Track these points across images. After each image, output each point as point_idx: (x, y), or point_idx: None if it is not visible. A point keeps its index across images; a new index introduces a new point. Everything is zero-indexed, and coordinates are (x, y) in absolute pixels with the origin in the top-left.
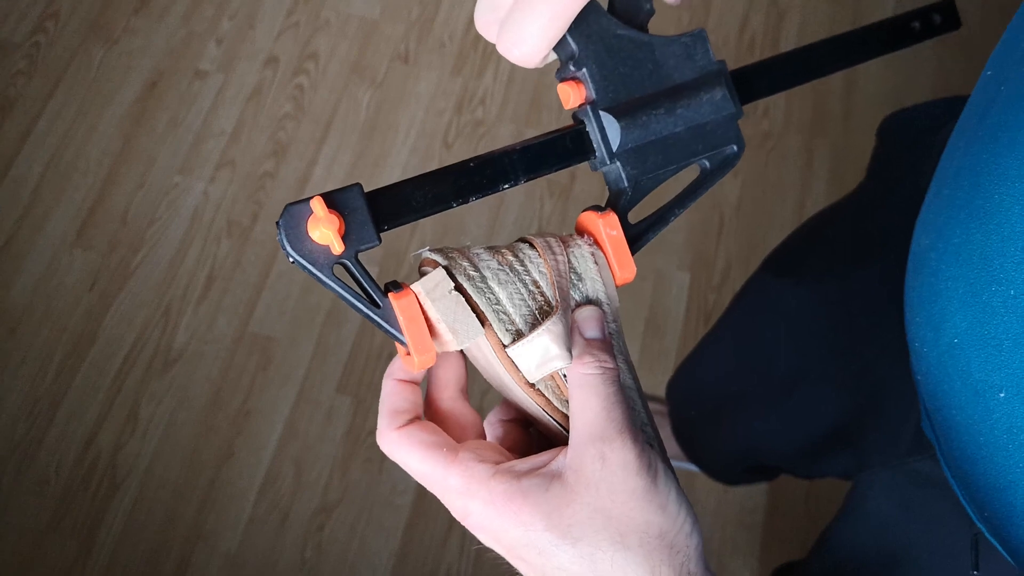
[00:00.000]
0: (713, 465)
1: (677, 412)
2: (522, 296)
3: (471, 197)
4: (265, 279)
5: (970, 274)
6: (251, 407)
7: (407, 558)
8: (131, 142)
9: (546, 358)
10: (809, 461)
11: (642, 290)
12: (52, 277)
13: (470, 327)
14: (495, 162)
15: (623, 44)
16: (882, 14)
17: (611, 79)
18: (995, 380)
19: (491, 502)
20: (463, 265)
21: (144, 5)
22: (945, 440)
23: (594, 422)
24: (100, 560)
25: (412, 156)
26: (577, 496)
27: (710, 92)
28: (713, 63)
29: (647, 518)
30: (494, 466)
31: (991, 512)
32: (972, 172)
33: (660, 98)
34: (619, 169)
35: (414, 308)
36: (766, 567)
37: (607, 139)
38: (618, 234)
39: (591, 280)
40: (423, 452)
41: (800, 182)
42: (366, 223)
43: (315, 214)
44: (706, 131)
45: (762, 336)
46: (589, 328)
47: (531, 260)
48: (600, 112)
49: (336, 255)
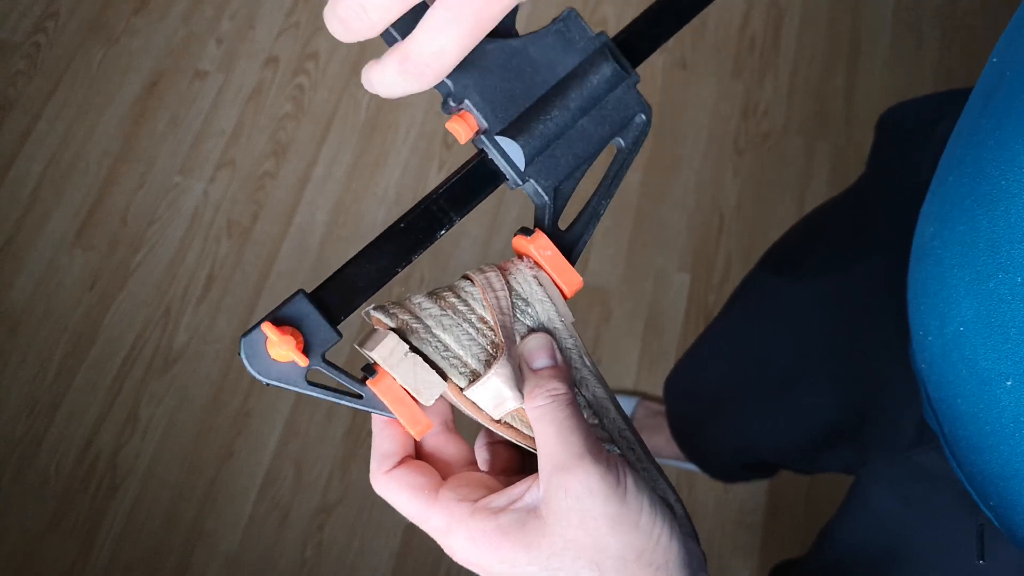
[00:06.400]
0: (712, 462)
1: (675, 410)
2: (470, 336)
3: (412, 256)
4: (265, 279)
5: (976, 262)
6: (251, 407)
7: (407, 558)
8: (131, 142)
9: (500, 399)
10: (809, 456)
11: (642, 290)
12: (52, 277)
13: (432, 384)
14: (423, 214)
15: (496, 59)
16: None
17: (495, 100)
18: (1002, 368)
19: (472, 539)
20: (405, 319)
21: (144, 5)
22: (950, 430)
23: (553, 453)
24: (100, 560)
25: (412, 156)
26: (550, 529)
27: (598, 70)
28: (593, 39)
29: (621, 541)
30: (472, 505)
31: (997, 501)
32: (977, 159)
33: (550, 98)
34: (533, 185)
35: (395, 389)
36: (766, 567)
37: (511, 162)
38: (552, 252)
39: (539, 303)
40: (409, 494)
41: (800, 182)
42: (321, 325)
43: (269, 338)
44: (607, 111)
45: (760, 332)
46: (536, 359)
47: (474, 297)
48: (495, 138)
49: (303, 367)
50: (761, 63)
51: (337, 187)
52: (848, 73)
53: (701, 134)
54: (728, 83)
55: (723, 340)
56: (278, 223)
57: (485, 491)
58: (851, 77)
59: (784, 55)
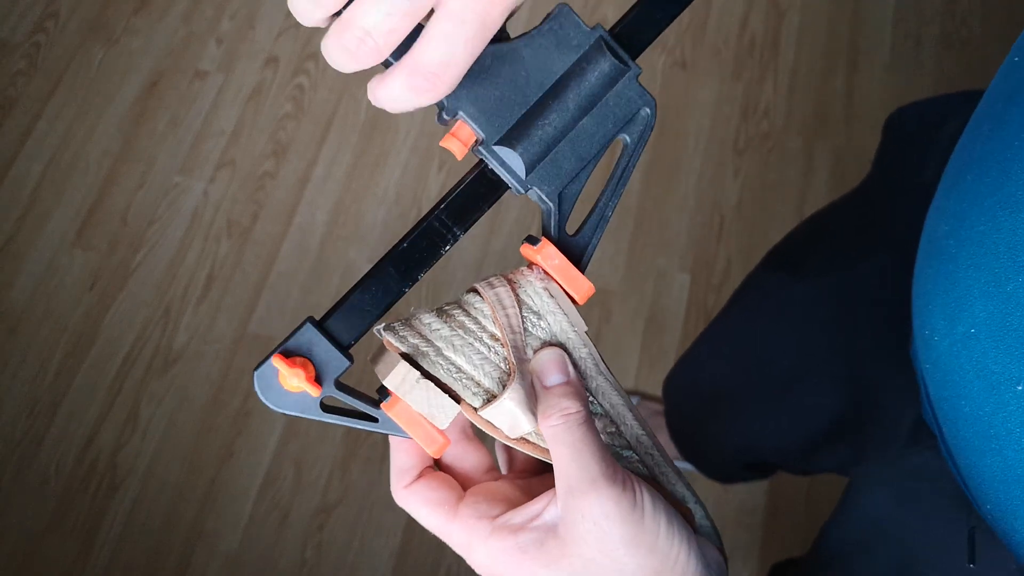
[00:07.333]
0: (710, 463)
1: (674, 410)
2: (482, 355)
3: (418, 275)
4: (265, 279)
5: (994, 263)
6: (251, 407)
7: (407, 558)
8: (131, 142)
9: (514, 422)
10: (806, 456)
11: (643, 290)
12: (52, 277)
13: (445, 408)
14: (426, 231)
15: (488, 65)
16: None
17: (490, 109)
18: (1012, 372)
19: (492, 557)
20: (415, 344)
21: (144, 5)
22: (950, 431)
23: (568, 474)
24: (100, 560)
25: (412, 156)
26: (569, 549)
27: (596, 67)
28: (588, 34)
29: (638, 562)
30: (491, 523)
31: (994, 505)
32: (1000, 159)
33: (547, 101)
34: (537, 192)
35: (409, 412)
36: (766, 567)
37: (512, 171)
38: (560, 261)
39: (550, 314)
40: (428, 510)
41: (800, 183)
42: (330, 352)
43: (280, 371)
44: (609, 108)
45: (762, 332)
46: (548, 375)
47: (484, 315)
48: (493, 148)
49: (316, 396)
50: (761, 63)
51: (337, 187)
52: (848, 73)
53: (701, 135)
54: (728, 84)
55: (723, 340)
56: (278, 223)
57: (505, 505)
58: (851, 77)
59: (784, 56)
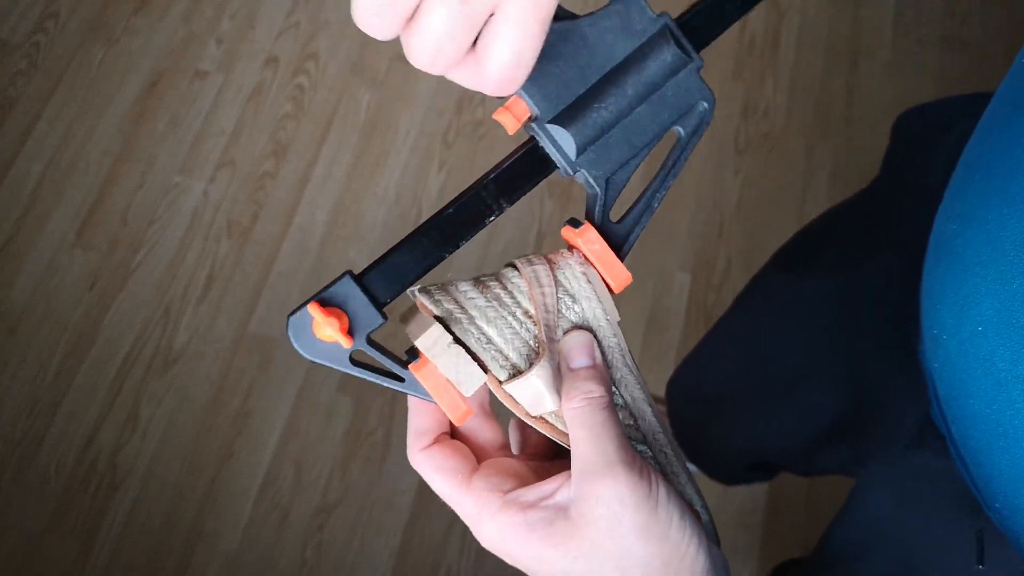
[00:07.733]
0: (714, 464)
1: (678, 411)
2: (513, 329)
3: (460, 242)
4: (265, 279)
5: (1002, 261)
6: (251, 407)
7: (407, 558)
8: (131, 142)
9: (538, 400)
10: (809, 456)
11: (643, 290)
12: (52, 277)
13: (472, 376)
14: (473, 200)
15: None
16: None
17: (547, 86)
18: (1020, 370)
19: (500, 532)
20: (450, 309)
21: (144, 5)
22: (959, 430)
23: (585, 456)
24: (100, 560)
25: (412, 156)
26: (578, 532)
27: (659, 55)
28: (654, 21)
29: (648, 551)
30: (503, 497)
31: (1003, 503)
32: (1010, 158)
33: (605, 85)
34: (584, 175)
35: (436, 376)
36: (766, 567)
37: (562, 151)
38: (601, 247)
39: (585, 299)
40: (442, 476)
41: (800, 183)
42: (366, 307)
43: (315, 319)
44: (667, 98)
45: (767, 332)
46: (575, 358)
47: (520, 290)
48: (546, 126)
49: (347, 349)
50: (761, 63)
51: (337, 187)
52: (848, 73)
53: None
54: (728, 83)
55: (727, 342)
56: (278, 223)
57: (517, 482)
58: (851, 77)
59: (784, 55)
